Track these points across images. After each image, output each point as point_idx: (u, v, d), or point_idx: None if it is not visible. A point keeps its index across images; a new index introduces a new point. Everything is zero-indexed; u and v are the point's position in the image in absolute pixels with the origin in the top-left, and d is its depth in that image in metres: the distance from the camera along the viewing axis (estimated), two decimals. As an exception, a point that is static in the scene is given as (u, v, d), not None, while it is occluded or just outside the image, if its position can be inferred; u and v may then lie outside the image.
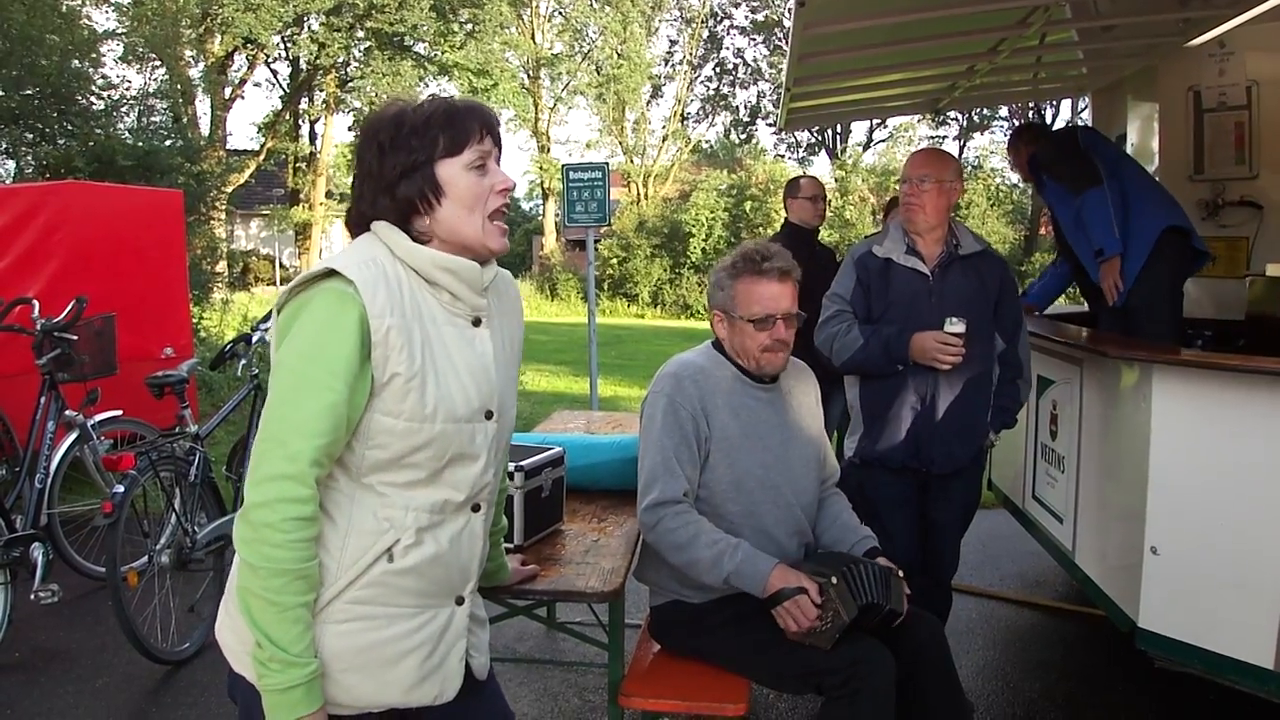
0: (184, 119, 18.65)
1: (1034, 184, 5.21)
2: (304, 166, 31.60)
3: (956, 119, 36.23)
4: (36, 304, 5.30)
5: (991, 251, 3.80)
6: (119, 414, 5.51)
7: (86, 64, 12.55)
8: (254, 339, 5.31)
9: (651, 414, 2.96)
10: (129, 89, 14.03)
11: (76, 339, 5.14)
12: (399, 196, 1.82)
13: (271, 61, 29.54)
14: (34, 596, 4.45)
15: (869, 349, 3.57)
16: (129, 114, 12.98)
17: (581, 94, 36.25)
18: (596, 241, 10.47)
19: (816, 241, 6.08)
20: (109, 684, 4.23)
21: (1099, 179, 4.65)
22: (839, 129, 36.98)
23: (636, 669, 3.01)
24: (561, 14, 36.22)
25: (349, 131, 32.37)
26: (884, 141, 38.83)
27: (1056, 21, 4.69)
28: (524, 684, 4.20)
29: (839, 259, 4.85)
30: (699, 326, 24.87)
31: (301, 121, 31.92)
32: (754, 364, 2.97)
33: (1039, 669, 4.41)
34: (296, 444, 1.71)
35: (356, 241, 1.89)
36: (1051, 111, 29.79)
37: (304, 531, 1.72)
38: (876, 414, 3.68)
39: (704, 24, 38.27)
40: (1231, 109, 5.45)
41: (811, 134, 38.39)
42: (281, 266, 34.79)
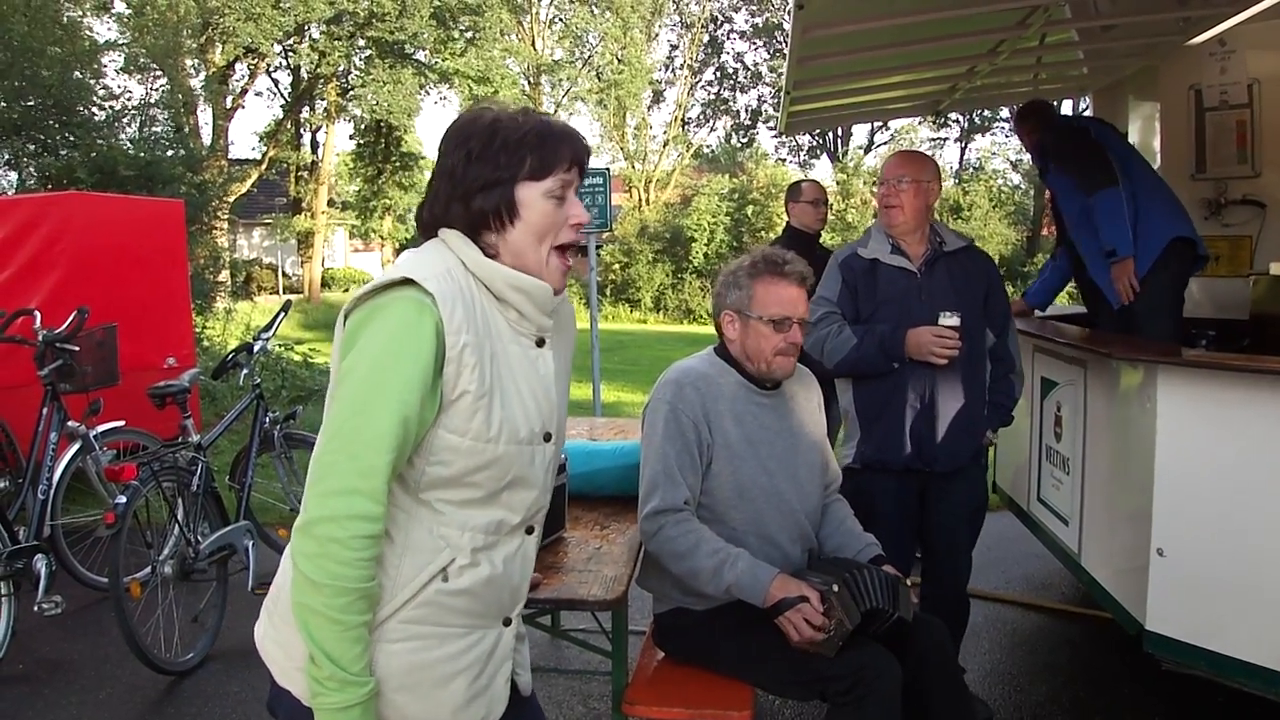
0: (185, 129, 18.67)
1: (1039, 168, 5.17)
2: (306, 175, 31.63)
3: (958, 121, 36.27)
4: (38, 315, 5.31)
5: (976, 247, 3.82)
6: (121, 424, 5.51)
7: (88, 75, 12.59)
8: (256, 348, 5.31)
9: (653, 421, 2.94)
10: (130, 99, 14.07)
11: (78, 350, 5.14)
12: (474, 208, 1.78)
13: (272, 71, 29.57)
14: (37, 608, 4.44)
15: (863, 348, 3.56)
16: (131, 124, 13.01)
17: (582, 100, 36.28)
18: (598, 247, 10.46)
19: (818, 245, 6.07)
20: (112, 695, 4.22)
21: (1115, 179, 4.57)
22: (840, 132, 37.02)
23: (640, 676, 3.00)
24: (562, 20, 36.29)
25: (350, 140, 32.45)
26: (885, 144, 38.85)
27: (1056, 22, 4.68)
28: (528, 692, 4.18)
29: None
30: (702, 331, 24.86)
31: (303, 130, 31.94)
32: (765, 366, 2.95)
33: (1046, 672, 4.39)
34: (370, 458, 1.65)
35: (427, 249, 1.83)
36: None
37: (371, 550, 1.66)
38: (874, 416, 3.67)
39: (704, 28, 38.33)
40: (1233, 107, 5.44)
41: (813, 137, 38.41)
42: (284, 275, 34.82)
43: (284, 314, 5.75)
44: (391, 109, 27.14)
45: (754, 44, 39.31)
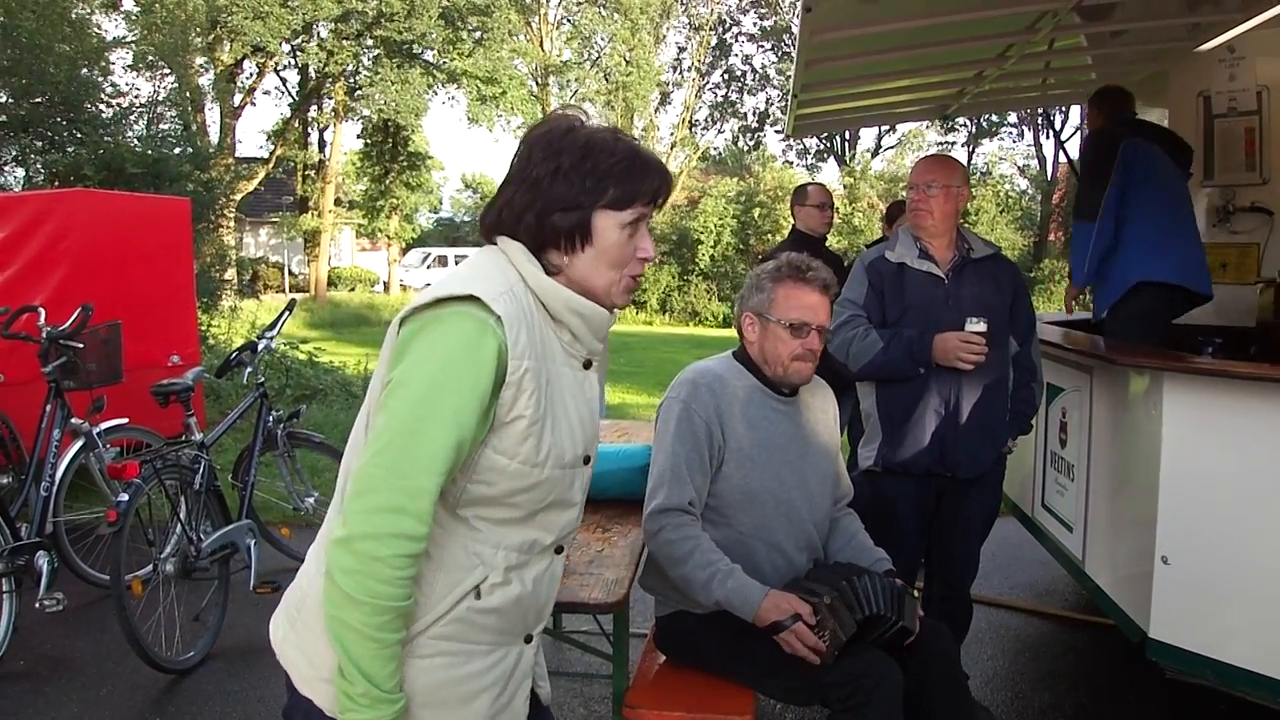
0: (193, 127, 18.67)
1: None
2: (313, 174, 31.71)
3: (965, 125, 36.23)
4: (43, 311, 5.31)
5: (1003, 255, 3.81)
6: (125, 422, 5.51)
7: (96, 72, 12.57)
8: (260, 347, 5.31)
9: (666, 419, 2.93)
10: (138, 97, 14.10)
11: (82, 347, 5.13)
12: (548, 225, 1.74)
13: (280, 69, 29.69)
14: (39, 604, 4.44)
15: (890, 352, 3.54)
16: (138, 122, 13.00)
17: (590, 101, 36.30)
18: (604, 249, 10.41)
19: (824, 248, 6.06)
20: (113, 692, 4.21)
21: (1093, 215, 4.66)
22: (847, 135, 37.05)
23: (641, 680, 2.99)
24: (570, 21, 36.38)
25: (357, 139, 32.52)
26: (893, 148, 38.97)
27: (1065, 27, 4.67)
28: (529, 694, 4.18)
29: (847, 265, 4.83)
30: (708, 333, 24.88)
31: (310, 129, 32.05)
32: (781, 371, 2.94)
33: (1049, 679, 4.38)
34: (419, 479, 1.61)
35: (487, 262, 1.79)
36: (1061, 117, 29.74)
37: (411, 569, 1.63)
38: (898, 420, 3.64)
39: (712, 31, 38.36)
40: (1242, 114, 5.42)
41: (820, 140, 38.42)
42: (290, 274, 34.90)
43: (288, 313, 5.75)
44: (399, 109, 27.23)
45: (762, 47, 39.37)
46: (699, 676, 2.92)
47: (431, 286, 1.73)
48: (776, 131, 39.25)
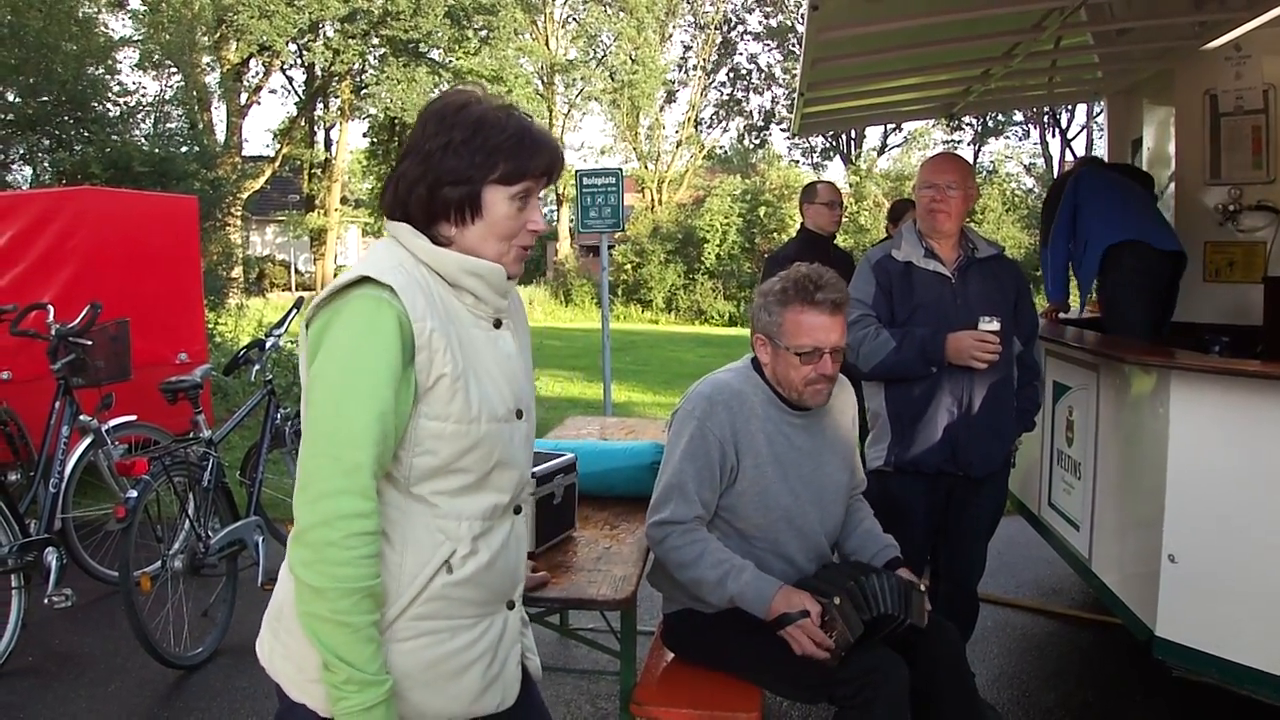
0: (200, 125, 18.73)
1: None
2: (319, 173, 31.74)
3: (971, 124, 36.19)
4: (51, 309, 5.33)
5: (1005, 255, 3.82)
6: (133, 419, 5.53)
7: (103, 71, 12.62)
8: (268, 344, 5.32)
9: (679, 431, 2.90)
10: (145, 95, 14.12)
11: (91, 344, 5.16)
12: (439, 197, 1.78)
13: (287, 68, 29.73)
14: (48, 600, 4.46)
15: (903, 351, 3.52)
16: (145, 120, 13.04)
17: (595, 100, 36.32)
18: (610, 247, 10.46)
19: (833, 246, 6.06)
20: (121, 688, 4.23)
21: (1045, 242, 5.52)
22: (853, 134, 36.99)
23: (649, 677, 2.99)
24: (576, 20, 36.33)
25: (364, 137, 32.53)
26: (898, 146, 38.87)
27: (1072, 25, 4.67)
28: (536, 691, 4.19)
29: (856, 262, 4.83)
30: (713, 332, 24.86)
31: (317, 128, 32.08)
32: (796, 396, 2.88)
33: (1055, 678, 4.37)
34: (352, 456, 1.65)
35: (375, 248, 1.84)
36: (1067, 116, 29.70)
37: (368, 547, 1.66)
38: (908, 419, 3.64)
39: (718, 29, 38.33)
40: (1248, 113, 5.41)
41: (826, 139, 38.36)
42: (297, 272, 34.94)
43: (296, 311, 5.76)
44: (405, 107, 27.22)
45: (767, 45, 39.31)
46: (706, 673, 2.92)
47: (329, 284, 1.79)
48: (782, 130, 39.26)
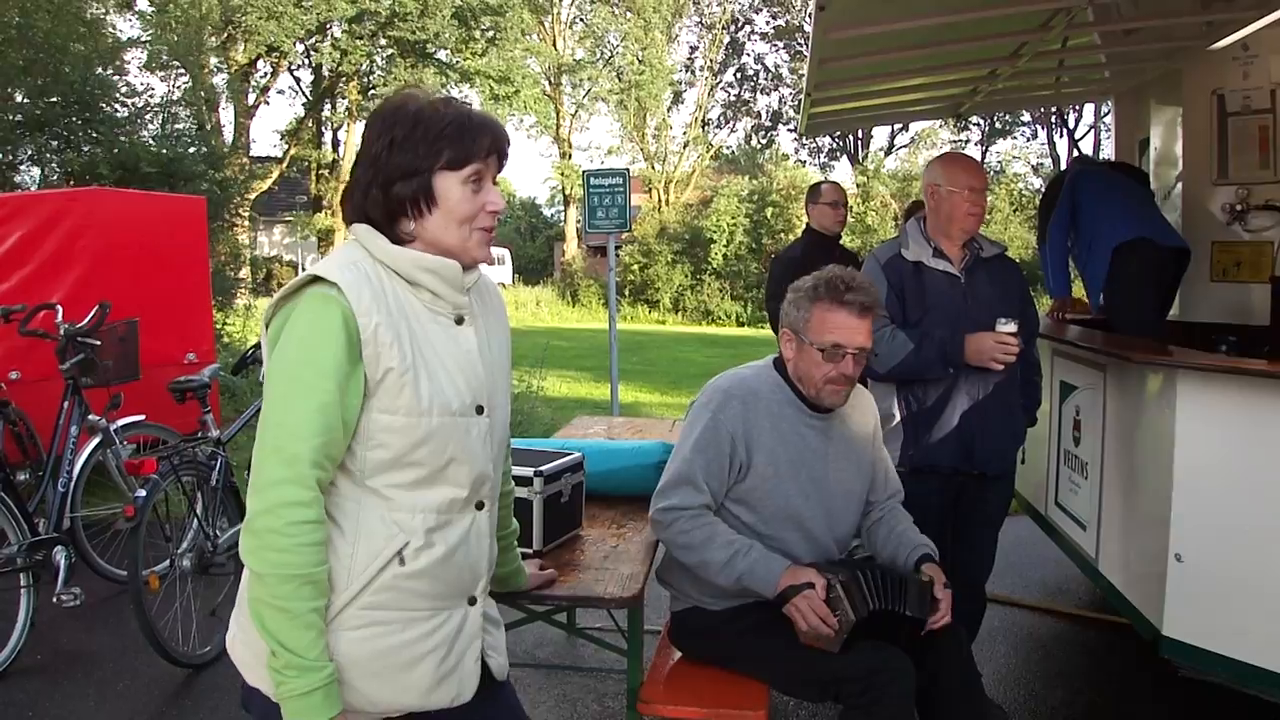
0: (207, 126, 18.74)
1: None
2: (327, 173, 31.78)
3: (978, 124, 36.16)
4: (60, 309, 5.35)
5: (1007, 255, 3.83)
6: (142, 419, 5.53)
7: (111, 71, 12.63)
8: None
9: (693, 422, 2.91)
10: (153, 96, 14.17)
11: (100, 344, 5.17)
12: (393, 194, 1.83)
13: (294, 69, 29.78)
14: (56, 599, 4.48)
15: (923, 353, 3.51)
16: (153, 121, 13.04)
17: (603, 100, 36.40)
18: (618, 247, 10.45)
19: (838, 247, 6.06)
20: (130, 687, 4.24)
21: (1043, 239, 5.55)
22: (860, 134, 36.96)
23: (655, 675, 3.00)
24: (583, 21, 36.38)
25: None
26: (905, 147, 38.87)
27: (1078, 25, 4.67)
28: (543, 689, 4.20)
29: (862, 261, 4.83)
30: (720, 332, 24.86)
31: (324, 129, 32.11)
32: (814, 393, 2.88)
33: (1061, 678, 4.37)
34: (292, 447, 1.71)
35: (336, 251, 1.89)
36: (1074, 116, 29.63)
37: (309, 535, 1.72)
38: (924, 420, 3.63)
39: (725, 30, 38.34)
40: (1256, 112, 5.39)
41: (833, 139, 38.39)
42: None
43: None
44: (412, 108, 27.19)
45: (774, 46, 39.37)
46: (713, 672, 2.93)
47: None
48: (790, 130, 39.24)
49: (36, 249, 6.59)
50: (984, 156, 36.95)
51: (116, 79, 12.74)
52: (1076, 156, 5.70)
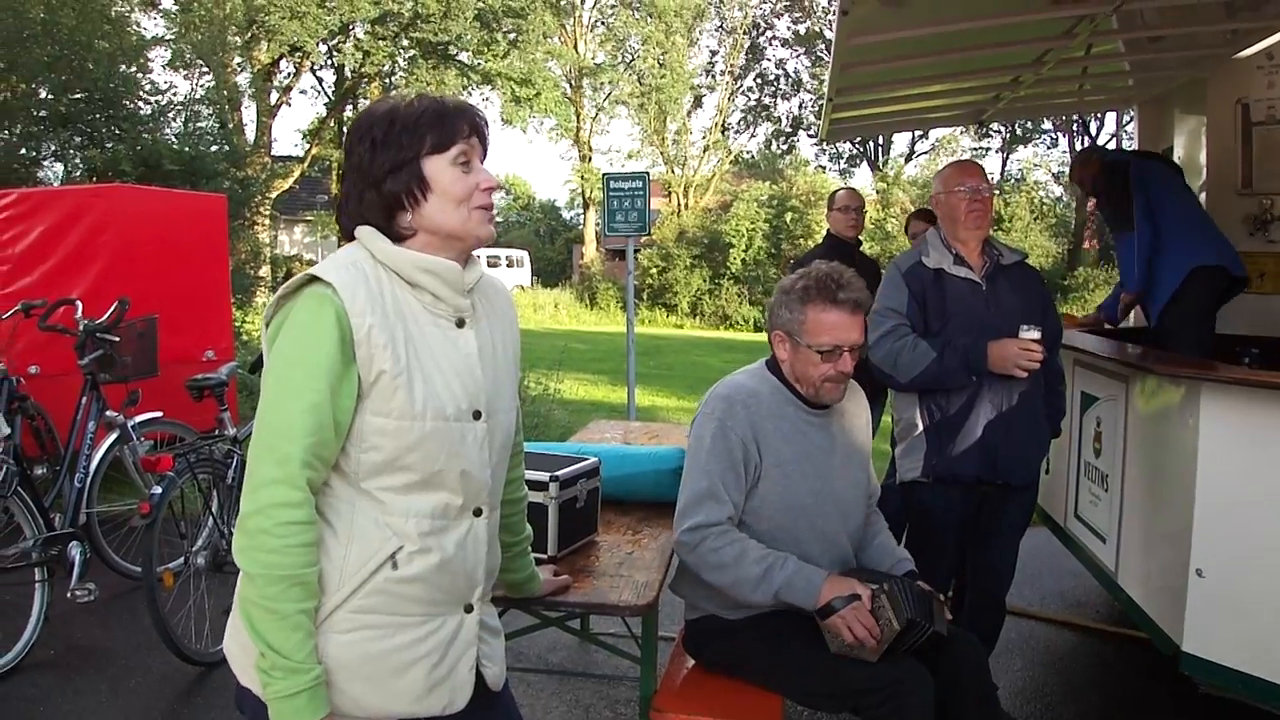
0: (230, 125, 18.84)
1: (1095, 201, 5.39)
2: (347, 173, 31.82)
3: (999, 131, 36.01)
4: (80, 304, 5.37)
5: (1027, 262, 3.81)
6: (159, 415, 5.55)
7: (134, 69, 12.68)
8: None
9: (700, 435, 2.89)
10: (176, 94, 14.17)
11: (119, 340, 5.19)
12: (385, 191, 1.83)
13: (317, 69, 29.81)
14: (71, 594, 4.49)
15: (946, 361, 3.49)
16: (176, 119, 13.10)
17: (623, 104, 36.39)
18: (636, 251, 10.44)
19: (858, 252, 6.04)
20: (142, 684, 4.25)
21: (1130, 225, 5.09)
22: (880, 141, 36.89)
23: (669, 683, 2.98)
24: (604, 24, 36.42)
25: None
26: (925, 154, 38.78)
27: (1103, 32, 4.64)
28: (555, 695, 4.18)
29: (882, 269, 4.81)
30: (738, 337, 24.83)
31: (346, 129, 32.17)
32: (813, 392, 2.89)
33: (1079, 691, 4.33)
34: (283, 448, 1.72)
35: (340, 250, 1.90)
36: (1096, 124, 29.52)
37: (300, 536, 1.71)
38: (948, 429, 3.59)
39: (745, 35, 38.31)
40: (1280, 122, 5.36)
41: (853, 145, 38.33)
42: (324, 272, 35.06)
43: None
44: (434, 109, 27.25)
45: (795, 51, 39.29)
46: (727, 681, 2.90)
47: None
48: (810, 136, 39.18)
49: (58, 244, 6.63)
50: (1004, 164, 36.88)
51: (140, 76, 12.79)
52: (1118, 156, 5.59)
